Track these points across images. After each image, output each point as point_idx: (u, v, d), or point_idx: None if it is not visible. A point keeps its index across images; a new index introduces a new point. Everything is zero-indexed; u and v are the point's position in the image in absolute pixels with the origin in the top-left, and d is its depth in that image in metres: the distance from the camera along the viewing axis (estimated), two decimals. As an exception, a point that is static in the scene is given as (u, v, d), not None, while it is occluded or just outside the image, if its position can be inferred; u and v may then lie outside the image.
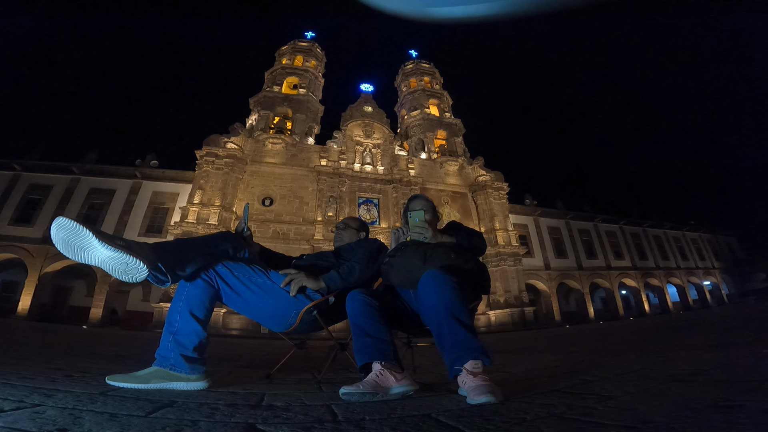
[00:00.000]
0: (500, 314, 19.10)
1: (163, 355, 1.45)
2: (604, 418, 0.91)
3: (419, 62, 29.36)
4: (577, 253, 26.61)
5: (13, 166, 19.09)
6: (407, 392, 1.32)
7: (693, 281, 31.19)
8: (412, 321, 1.66)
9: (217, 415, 1.02)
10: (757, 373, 1.48)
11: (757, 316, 6.93)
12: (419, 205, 1.75)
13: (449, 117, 26.28)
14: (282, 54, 25.94)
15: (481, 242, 1.73)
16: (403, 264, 1.56)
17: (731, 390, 1.16)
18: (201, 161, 18.18)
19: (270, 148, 20.43)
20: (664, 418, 0.88)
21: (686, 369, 1.68)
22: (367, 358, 1.40)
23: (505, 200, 22.94)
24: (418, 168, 22.59)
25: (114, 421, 0.90)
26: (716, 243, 35.18)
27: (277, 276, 1.63)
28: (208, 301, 1.55)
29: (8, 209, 18.18)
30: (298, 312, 1.62)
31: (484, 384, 1.16)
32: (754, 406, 0.95)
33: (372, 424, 0.93)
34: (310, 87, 24.24)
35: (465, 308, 1.35)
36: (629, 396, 1.19)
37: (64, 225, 1.20)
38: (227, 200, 17.85)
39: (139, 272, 1.28)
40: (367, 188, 20.96)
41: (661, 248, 31.08)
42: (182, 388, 1.40)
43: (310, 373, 2.18)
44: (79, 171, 19.59)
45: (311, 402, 1.26)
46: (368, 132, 22.64)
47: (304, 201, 19.54)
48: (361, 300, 1.49)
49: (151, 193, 19.88)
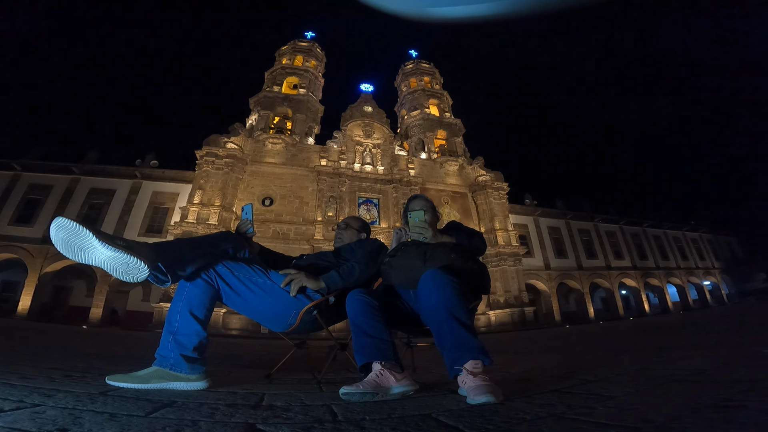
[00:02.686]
0: (500, 314, 19.09)
1: (163, 355, 1.45)
2: (604, 418, 0.91)
3: (419, 62, 29.35)
4: (577, 253, 26.61)
5: (13, 166, 19.10)
6: (407, 392, 1.31)
7: (693, 281, 31.18)
8: (412, 321, 1.66)
9: (217, 415, 1.02)
10: (757, 373, 1.48)
11: (757, 316, 6.93)
12: (419, 205, 1.75)
13: (449, 117, 26.27)
14: (282, 54, 25.94)
15: (481, 242, 1.73)
16: (403, 264, 1.56)
17: (731, 390, 1.16)
18: (201, 161, 18.18)
19: (270, 148, 20.43)
20: (664, 418, 0.88)
21: (686, 369, 1.68)
22: (367, 358, 1.40)
23: (505, 200, 22.94)
24: (418, 168, 22.59)
25: (114, 421, 0.90)
26: (716, 243, 35.17)
27: (277, 276, 1.63)
28: (208, 301, 1.55)
29: (8, 209, 18.19)
30: (298, 312, 1.62)
31: (484, 384, 1.16)
32: (754, 406, 0.95)
33: (372, 424, 0.93)
34: (310, 87, 24.24)
35: (465, 308, 1.35)
36: (629, 396, 1.19)
37: (63, 225, 1.19)
38: (227, 200, 17.85)
39: (139, 272, 1.28)
40: (367, 188, 20.96)
41: (661, 248, 31.07)
42: (182, 388, 1.40)
43: (310, 373, 2.18)
44: (79, 171, 19.60)
45: (311, 402, 1.26)
46: (368, 132, 22.63)
47: (304, 201, 19.54)
48: (361, 300, 1.49)
49: (151, 193, 19.88)
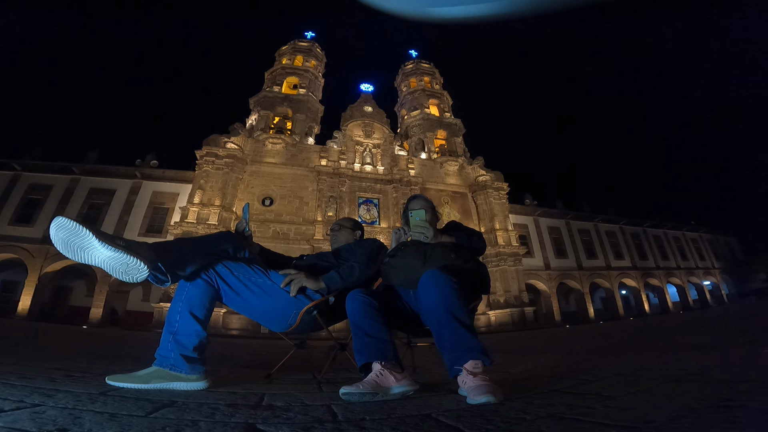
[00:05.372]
0: (500, 314, 19.09)
1: (163, 355, 1.45)
2: (604, 418, 0.91)
3: (419, 62, 29.34)
4: (577, 253, 26.61)
5: (13, 166, 19.09)
6: (407, 392, 1.32)
7: (693, 281, 31.17)
8: (412, 321, 1.65)
9: (217, 415, 1.02)
10: (757, 373, 1.48)
11: (757, 316, 6.93)
12: (419, 205, 1.75)
13: (449, 117, 26.26)
14: (282, 54, 25.93)
15: (481, 242, 1.73)
16: (403, 264, 1.56)
17: (731, 390, 1.16)
18: (201, 161, 18.17)
19: (270, 148, 20.42)
20: (664, 418, 0.88)
21: (686, 369, 1.68)
22: (367, 358, 1.40)
23: (505, 200, 22.94)
24: (418, 168, 22.59)
25: (114, 421, 0.90)
26: (716, 243, 35.15)
27: (277, 276, 1.63)
28: (208, 301, 1.55)
29: (8, 209, 18.17)
30: (298, 312, 1.62)
31: (484, 384, 1.16)
32: (754, 406, 0.95)
33: (372, 424, 0.93)
34: (310, 87, 24.23)
35: (465, 308, 1.35)
36: (629, 396, 1.19)
37: (63, 225, 1.19)
38: (227, 200, 17.84)
39: (139, 272, 1.28)
40: (367, 188, 20.95)
41: (661, 248, 31.06)
42: (182, 388, 1.40)
43: (310, 373, 2.17)
44: (79, 171, 19.59)
45: (311, 402, 1.26)
46: (368, 132, 22.63)
47: (304, 201, 19.53)
48: (361, 300, 1.49)
49: (151, 193, 19.87)
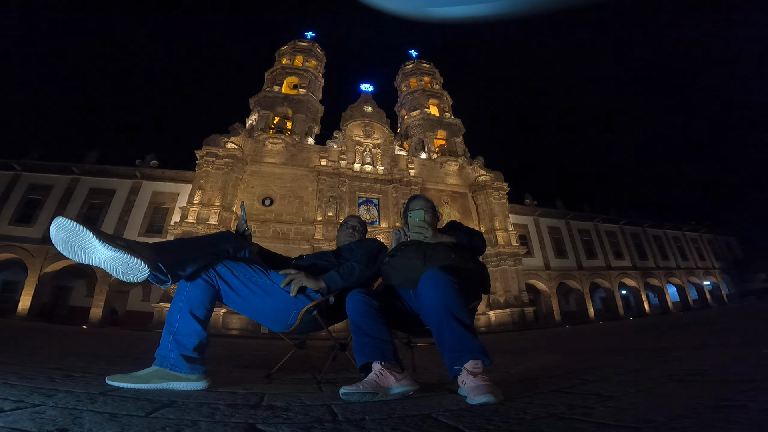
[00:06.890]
0: (500, 314, 19.09)
1: (163, 355, 1.45)
2: (604, 418, 0.91)
3: (419, 62, 29.34)
4: (577, 253, 26.60)
5: (13, 166, 19.09)
6: (407, 392, 1.32)
7: (693, 281, 31.17)
8: (412, 321, 1.66)
9: (217, 415, 1.02)
10: (757, 373, 1.48)
11: (757, 316, 6.93)
12: (419, 205, 1.75)
13: (449, 117, 26.26)
14: (282, 54, 25.93)
15: (481, 242, 1.73)
16: (403, 264, 1.56)
17: (731, 390, 1.16)
18: (201, 161, 18.17)
19: (270, 148, 20.42)
20: (664, 418, 0.88)
21: (686, 369, 1.68)
22: (367, 358, 1.40)
23: (505, 200, 22.93)
24: (418, 168, 22.58)
25: (114, 421, 0.90)
26: (716, 243, 35.15)
27: (277, 276, 1.63)
28: (209, 301, 1.55)
29: (8, 209, 18.18)
30: (298, 312, 1.62)
31: (484, 384, 1.16)
32: (754, 406, 0.95)
33: (372, 424, 0.93)
34: (310, 87, 24.23)
35: (465, 308, 1.35)
36: (629, 396, 1.19)
37: (63, 225, 1.19)
38: (227, 200, 17.84)
39: (139, 272, 1.28)
40: (367, 188, 20.95)
41: (661, 248, 31.06)
42: (182, 388, 1.40)
43: (310, 373, 2.18)
44: (79, 171, 19.59)
45: (311, 402, 1.26)
46: (368, 132, 22.62)
47: (304, 201, 19.53)
48: (361, 300, 1.49)
49: (151, 193, 19.87)
